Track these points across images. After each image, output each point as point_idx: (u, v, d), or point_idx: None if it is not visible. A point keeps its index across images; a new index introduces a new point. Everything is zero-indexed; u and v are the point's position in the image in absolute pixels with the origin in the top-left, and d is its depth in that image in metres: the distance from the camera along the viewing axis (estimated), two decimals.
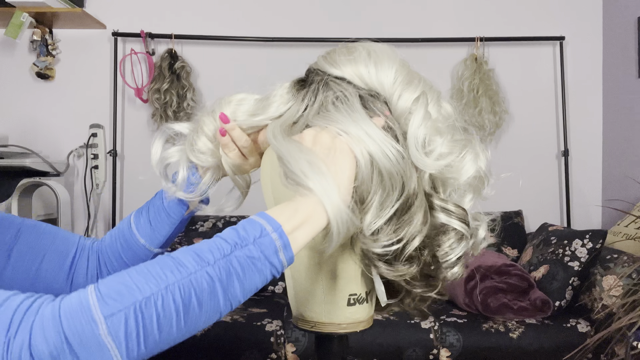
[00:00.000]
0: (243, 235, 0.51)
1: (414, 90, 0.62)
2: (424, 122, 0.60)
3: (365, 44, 0.65)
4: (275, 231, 0.51)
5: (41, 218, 2.45)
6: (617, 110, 2.73)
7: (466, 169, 0.62)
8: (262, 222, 0.52)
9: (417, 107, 0.61)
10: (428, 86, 0.65)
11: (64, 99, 2.76)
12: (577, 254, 2.05)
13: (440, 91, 0.67)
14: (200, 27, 2.76)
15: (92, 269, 0.76)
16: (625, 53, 2.65)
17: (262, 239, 0.51)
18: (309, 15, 2.80)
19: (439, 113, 0.64)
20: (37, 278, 0.70)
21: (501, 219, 2.62)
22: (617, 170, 2.73)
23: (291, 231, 0.52)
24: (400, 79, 0.62)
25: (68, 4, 2.55)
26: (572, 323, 1.96)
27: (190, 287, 0.47)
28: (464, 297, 2.09)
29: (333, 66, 0.64)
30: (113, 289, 0.45)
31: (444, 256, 0.61)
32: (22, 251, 0.70)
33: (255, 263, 0.50)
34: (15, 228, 0.71)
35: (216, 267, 0.48)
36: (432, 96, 0.64)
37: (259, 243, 0.50)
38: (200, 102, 2.77)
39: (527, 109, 2.83)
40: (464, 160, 0.62)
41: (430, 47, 2.80)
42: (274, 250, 0.51)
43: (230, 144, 0.69)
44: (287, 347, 1.92)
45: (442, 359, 1.93)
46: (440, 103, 0.65)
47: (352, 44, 0.66)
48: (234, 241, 0.50)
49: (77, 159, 2.78)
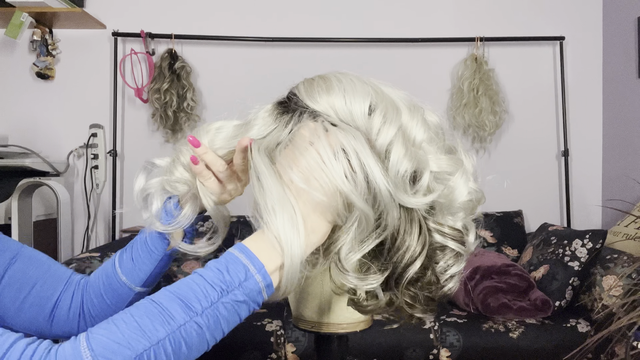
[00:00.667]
0: (228, 280, 0.51)
1: (395, 121, 0.58)
2: (405, 156, 0.56)
3: (339, 75, 0.63)
4: (258, 272, 0.52)
5: (41, 218, 2.45)
6: (617, 110, 2.73)
7: (458, 194, 0.60)
8: (245, 262, 0.52)
9: (395, 142, 0.57)
10: (409, 107, 0.62)
11: (64, 99, 2.76)
12: (577, 254, 2.05)
13: (423, 107, 0.64)
14: (200, 27, 2.76)
15: (75, 306, 0.75)
16: (625, 53, 2.65)
17: (247, 282, 0.51)
18: (309, 15, 2.80)
19: (427, 132, 0.61)
20: (23, 307, 0.70)
21: (501, 219, 2.62)
22: (617, 170, 2.73)
23: (273, 271, 0.53)
24: (379, 109, 0.59)
25: (68, 4, 2.55)
26: (572, 323, 1.96)
27: (181, 339, 0.48)
28: (464, 297, 2.09)
29: (310, 99, 0.61)
30: (107, 349, 0.45)
31: (441, 274, 0.60)
32: (14, 278, 0.70)
33: (240, 306, 0.51)
34: (13, 253, 0.71)
35: (204, 316, 0.49)
36: (416, 117, 0.61)
37: (244, 286, 0.51)
38: (200, 102, 2.77)
39: (527, 109, 2.83)
40: (454, 187, 0.60)
41: (430, 47, 2.80)
42: (258, 291, 0.52)
43: (204, 171, 0.66)
44: (287, 347, 1.92)
45: (442, 359, 1.93)
46: (426, 121, 0.62)
47: (327, 75, 0.63)
48: (219, 287, 0.50)
49: (77, 159, 2.78)
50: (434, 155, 0.59)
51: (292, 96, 0.63)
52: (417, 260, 0.56)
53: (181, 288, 0.50)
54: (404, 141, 0.57)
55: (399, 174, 0.55)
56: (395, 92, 0.63)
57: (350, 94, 0.59)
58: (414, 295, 0.59)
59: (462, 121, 2.69)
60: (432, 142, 0.61)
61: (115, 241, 2.41)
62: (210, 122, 0.67)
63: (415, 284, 0.58)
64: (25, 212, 2.34)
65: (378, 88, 0.62)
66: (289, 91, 0.65)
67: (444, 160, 0.59)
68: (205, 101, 2.80)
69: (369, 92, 0.60)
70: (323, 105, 0.59)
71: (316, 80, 0.63)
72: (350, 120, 0.58)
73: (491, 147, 2.82)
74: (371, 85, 0.61)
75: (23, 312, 0.70)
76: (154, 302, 0.49)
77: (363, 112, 0.58)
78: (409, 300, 0.59)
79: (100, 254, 1.98)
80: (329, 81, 0.61)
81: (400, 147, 0.56)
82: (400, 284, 0.57)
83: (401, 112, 0.59)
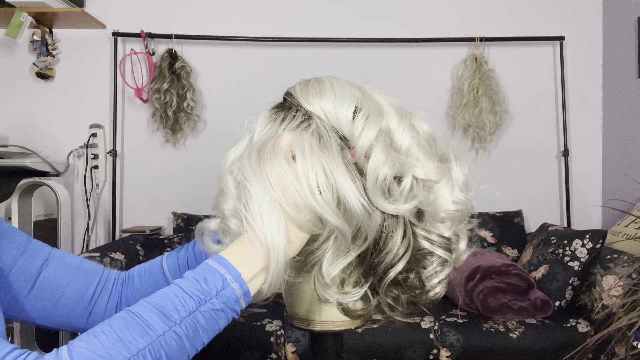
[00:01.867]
0: (206, 289, 0.52)
1: (374, 125, 0.58)
2: (385, 162, 0.56)
3: (333, 79, 0.63)
4: (235, 281, 0.53)
5: (41, 218, 2.45)
6: (617, 110, 2.73)
7: (442, 202, 0.59)
8: (222, 271, 0.53)
9: (375, 146, 0.57)
10: (398, 112, 0.61)
11: (64, 99, 2.76)
12: (577, 254, 2.05)
13: (412, 112, 0.64)
14: (200, 27, 2.76)
15: (112, 303, 0.77)
16: (625, 53, 2.65)
17: (224, 291, 0.52)
18: (309, 15, 2.80)
19: (415, 138, 0.60)
20: (57, 308, 0.73)
21: (501, 219, 2.62)
22: (617, 170, 2.73)
23: (250, 279, 0.54)
24: (362, 113, 0.58)
25: (68, 4, 2.55)
26: (572, 323, 1.96)
27: (160, 349, 0.49)
28: (464, 297, 2.09)
29: (304, 99, 0.62)
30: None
31: (428, 280, 0.60)
32: (47, 281, 0.72)
33: (218, 314, 0.52)
34: (44, 256, 0.73)
35: (182, 326, 0.50)
36: (404, 122, 0.60)
37: (221, 295, 0.52)
38: (200, 102, 2.77)
39: (527, 109, 2.83)
40: (438, 195, 0.59)
41: (430, 47, 2.80)
42: (235, 299, 0.53)
43: None
44: (287, 347, 1.92)
45: (442, 359, 1.93)
46: (415, 126, 0.62)
47: (322, 78, 0.64)
48: (197, 296, 0.51)
49: (77, 159, 2.78)
50: (421, 163, 0.59)
51: (288, 96, 0.64)
52: (399, 263, 0.56)
53: (159, 299, 0.51)
54: (385, 146, 0.57)
55: (378, 180, 0.55)
56: (387, 98, 0.63)
57: (339, 99, 0.60)
58: (396, 297, 0.59)
59: (462, 121, 2.69)
60: (422, 148, 0.60)
61: (115, 241, 2.41)
62: (226, 155, 0.65)
63: (398, 286, 0.58)
64: (25, 212, 2.34)
65: (367, 93, 0.62)
66: (285, 91, 0.66)
67: (431, 168, 0.59)
68: (205, 101, 2.80)
69: (356, 96, 0.60)
70: (315, 107, 0.60)
71: (312, 82, 0.64)
72: (337, 124, 0.59)
73: (491, 147, 2.82)
74: (361, 91, 0.62)
75: (58, 311, 0.73)
76: (133, 313, 0.50)
77: (347, 117, 0.59)
78: (391, 301, 0.59)
79: (100, 254, 1.98)
80: (323, 85, 0.62)
81: (380, 152, 0.56)
82: (381, 285, 0.58)
83: (383, 116, 0.59)
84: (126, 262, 2.05)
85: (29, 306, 0.71)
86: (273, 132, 0.60)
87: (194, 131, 2.78)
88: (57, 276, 0.73)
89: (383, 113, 0.60)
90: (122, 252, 2.09)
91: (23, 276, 0.70)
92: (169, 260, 0.78)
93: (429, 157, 0.60)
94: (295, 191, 0.54)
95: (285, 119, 0.61)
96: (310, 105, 0.61)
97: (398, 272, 0.57)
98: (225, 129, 2.65)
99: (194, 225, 0.69)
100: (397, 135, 0.59)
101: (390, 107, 0.61)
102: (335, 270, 0.56)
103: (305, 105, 0.61)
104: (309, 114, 0.60)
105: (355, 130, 0.58)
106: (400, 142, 0.59)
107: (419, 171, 0.58)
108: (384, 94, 0.64)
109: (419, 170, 0.58)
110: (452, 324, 1.97)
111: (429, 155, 0.60)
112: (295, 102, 0.62)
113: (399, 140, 0.59)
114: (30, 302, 0.71)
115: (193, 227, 2.68)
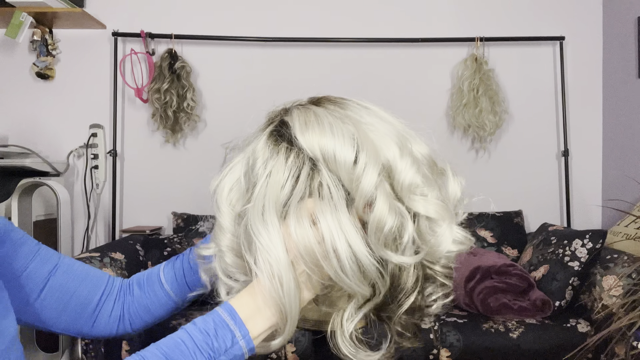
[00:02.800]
0: (216, 346, 0.53)
1: (374, 170, 0.55)
2: (389, 213, 0.54)
3: (330, 117, 0.59)
4: (243, 338, 0.54)
5: (41, 218, 2.45)
6: (617, 110, 2.73)
7: (444, 247, 0.59)
8: (233, 327, 0.54)
9: (378, 196, 0.55)
10: (399, 145, 0.58)
11: (64, 99, 2.76)
12: (577, 254, 2.05)
13: (413, 137, 0.61)
14: (200, 27, 2.76)
15: (116, 311, 0.79)
16: (625, 53, 2.65)
17: (232, 349, 0.53)
18: (309, 15, 2.80)
19: (417, 174, 0.58)
20: (64, 313, 0.74)
21: (501, 219, 2.62)
22: (617, 170, 2.72)
23: (257, 336, 0.55)
24: (362, 159, 0.56)
25: (68, 4, 2.55)
26: (572, 323, 1.96)
27: None
28: (464, 297, 2.09)
29: (301, 134, 0.58)
30: None
31: (428, 297, 0.61)
32: (55, 286, 0.74)
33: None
34: (54, 263, 0.75)
35: None
36: (405, 158, 0.57)
37: (229, 353, 0.53)
38: (200, 102, 2.77)
39: (527, 109, 2.83)
40: (439, 239, 0.59)
41: (430, 47, 2.80)
42: (242, 355, 0.54)
43: None
44: (287, 347, 1.92)
45: (442, 359, 1.93)
46: (416, 159, 0.59)
47: (319, 112, 0.59)
48: (208, 353, 0.52)
49: (77, 159, 2.78)
50: (423, 201, 0.58)
51: (284, 126, 0.60)
52: (412, 295, 0.57)
53: (170, 348, 0.52)
54: (387, 196, 0.55)
55: (384, 232, 0.55)
56: (385, 125, 0.60)
57: (340, 142, 0.56)
58: (405, 325, 0.59)
59: (462, 121, 2.69)
60: (426, 180, 0.59)
61: (115, 241, 2.41)
62: (216, 178, 0.62)
63: (405, 312, 0.59)
64: (25, 212, 2.34)
65: (361, 129, 0.58)
66: (279, 118, 0.62)
67: (432, 207, 0.58)
68: (205, 101, 2.80)
69: (353, 135, 0.57)
70: (313, 144, 0.57)
71: (311, 115, 0.60)
72: (335, 169, 0.56)
73: (491, 147, 2.82)
74: (355, 126, 0.58)
75: (64, 316, 0.74)
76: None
77: (348, 163, 0.56)
78: (400, 329, 0.59)
79: (100, 254, 1.98)
80: (321, 121, 0.58)
81: (382, 203, 0.55)
82: (393, 318, 0.58)
83: (380, 156, 0.57)
84: (126, 262, 2.05)
85: (38, 309, 0.72)
86: (281, 178, 0.57)
87: (194, 131, 2.79)
88: (65, 283, 0.74)
89: (380, 151, 0.57)
90: (122, 252, 2.09)
91: (33, 281, 0.72)
92: (166, 271, 0.79)
93: (431, 186, 0.59)
94: (320, 257, 0.54)
95: (288, 157, 0.58)
96: (306, 142, 0.57)
97: (410, 303, 0.57)
98: (225, 129, 2.65)
99: (195, 225, 0.69)
100: (399, 172, 0.57)
101: (388, 138, 0.58)
102: (354, 322, 0.57)
103: (301, 141, 0.57)
104: (313, 161, 0.57)
105: (356, 179, 0.55)
106: (402, 179, 0.57)
107: (420, 207, 0.57)
108: (376, 111, 0.61)
109: (420, 206, 0.57)
110: (452, 324, 1.97)
111: (431, 183, 0.59)
112: (293, 134, 0.58)
113: (402, 178, 0.57)
114: (39, 306, 0.72)
115: (193, 227, 2.68)
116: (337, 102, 0.62)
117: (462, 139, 2.81)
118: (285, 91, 2.76)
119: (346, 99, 0.63)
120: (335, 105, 0.62)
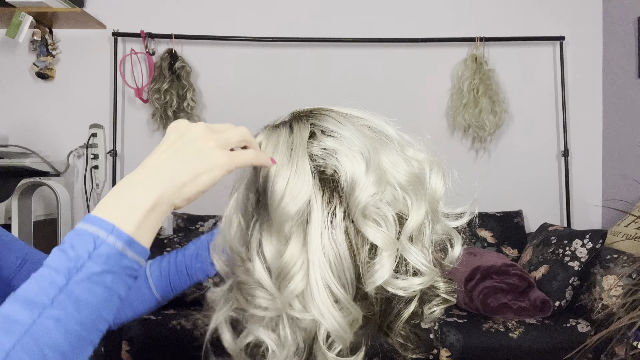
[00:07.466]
0: (73, 255, 0.43)
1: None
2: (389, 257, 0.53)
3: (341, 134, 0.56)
4: (111, 234, 0.45)
5: (41, 218, 2.45)
6: (617, 110, 2.73)
7: (379, 275, 0.56)
8: (92, 230, 0.45)
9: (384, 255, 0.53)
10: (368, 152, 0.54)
11: (64, 99, 2.76)
12: (577, 254, 2.05)
13: (408, 143, 0.59)
14: (200, 27, 2.76)
15: None
16: (625, 53, 2.65)
17: (98, 249, 0.44)
18: (309, 15, 2.80)
19: (425, 211, 0.56)
20: None
21: (501, 219, 2.62)
22: (617, 170, 2.72)
23: (136, 224, 0.46)
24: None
25: (68, 4, 2.55)
26: (572, 323, 1.96)
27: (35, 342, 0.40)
28: (464, 297, 2.09)
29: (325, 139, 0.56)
30: None
31: (429, 311, 0.61)
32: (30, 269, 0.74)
33: (104, 277, 0.44)
34: (21, 257, 0.76)
35: (56, 307, 0.41)
36: (370, 174, 0.54)
37: (96, 256, 0.43)
38: (200, 102, 2.77)
39: (527, 109, 2.83)
40: (376, 268, 0.56)
41: (430, 47, 2.80)
42: (118, 253, 0.44)
43: None
44: None
45: (442, 359, 1.93)
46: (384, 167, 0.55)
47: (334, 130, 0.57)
48: (65, 267, 0.43)
49: (77, 159, 2.78)
50: (374, 229, 0.54)
51: None
52: (410, 304, 0.57)
53: (24, 287, 0.43)
54: (392, 250, 0.54)
55: None
56: (359, 137, 0.57)
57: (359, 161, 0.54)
58: (406, 335, 0.59)
59: (462, 121, 2.69)
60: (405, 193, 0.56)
61: None
62: None
63: (405, 321, 0.58)
64: (25, 212, 2.34)
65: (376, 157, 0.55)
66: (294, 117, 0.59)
67: (380, 236, 0.54)
68: (205, 101, 2.80)
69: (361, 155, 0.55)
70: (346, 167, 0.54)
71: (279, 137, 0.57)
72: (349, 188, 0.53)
73: (491, 147, 2.82)
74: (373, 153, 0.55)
75: None
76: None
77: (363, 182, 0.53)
78: (402, 340, 0.59)
79: None
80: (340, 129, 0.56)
81: (387, 265, 0.53)
82: (393, 329, 0.58)
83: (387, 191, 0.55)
84: None
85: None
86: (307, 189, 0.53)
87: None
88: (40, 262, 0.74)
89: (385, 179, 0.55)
90: None
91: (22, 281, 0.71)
92: (152, 268, 0.80)
93: (418, 197, 0.56)
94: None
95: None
96: None
97: (410, 312, 0.57)
98: None
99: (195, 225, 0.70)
100: (358, 190, 0.53)
101: (357, 152, 0.54)
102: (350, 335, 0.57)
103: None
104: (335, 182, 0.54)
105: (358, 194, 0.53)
106: (359, 199, 0.53)
107: (370, 234, 0.54)
108: (356, 119, 0.58)
109: (370, 234, 0.54)
110: (452, 324, 1.97)
111: (418, 195, 0.56)
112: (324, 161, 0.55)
113: (358, 198, 0.53)
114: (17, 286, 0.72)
115: (193, 227, 2.68)
116: (313, 116, 0.58)
117: (462, 139, 2.80)
118: (286, 91, 2.76)
119: (323, 111, 0.59)
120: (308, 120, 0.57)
